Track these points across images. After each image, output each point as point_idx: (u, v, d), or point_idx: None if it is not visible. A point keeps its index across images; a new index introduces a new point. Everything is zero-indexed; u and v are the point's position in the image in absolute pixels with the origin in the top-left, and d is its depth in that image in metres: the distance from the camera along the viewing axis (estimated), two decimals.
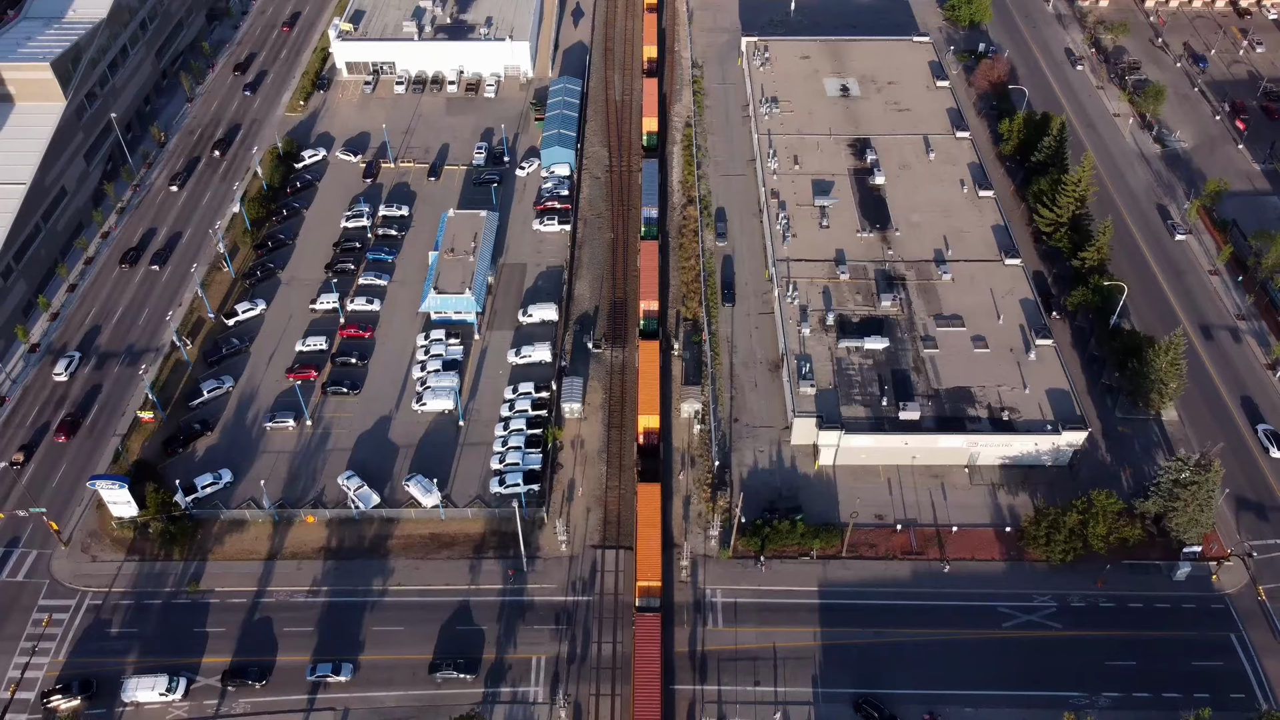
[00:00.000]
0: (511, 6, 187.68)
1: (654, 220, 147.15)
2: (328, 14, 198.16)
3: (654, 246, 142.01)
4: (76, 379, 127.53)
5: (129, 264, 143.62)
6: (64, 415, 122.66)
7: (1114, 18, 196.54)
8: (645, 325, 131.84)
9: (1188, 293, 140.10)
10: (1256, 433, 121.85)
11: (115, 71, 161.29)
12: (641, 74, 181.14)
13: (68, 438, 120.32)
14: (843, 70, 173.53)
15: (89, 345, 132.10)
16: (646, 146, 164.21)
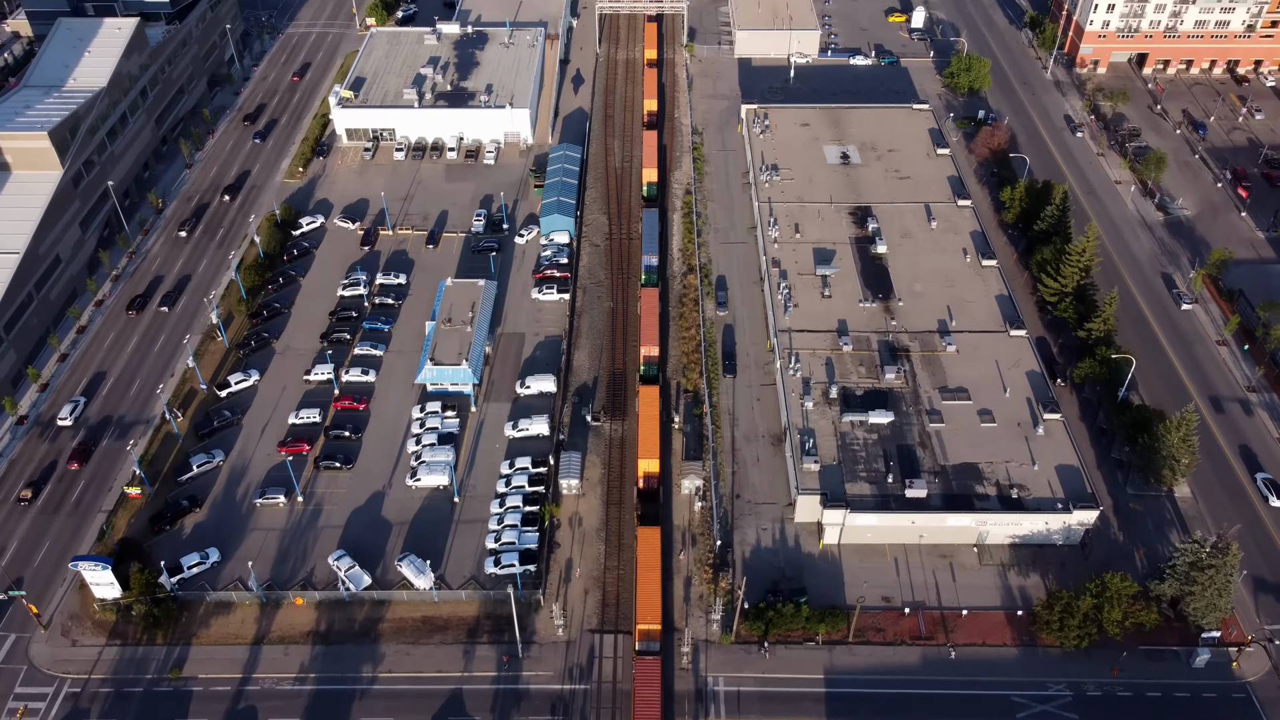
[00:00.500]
0: (512, 73, 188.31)
1: (654, 268, 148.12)
2: (329, 80, 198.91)
3: (654, 294, 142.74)
4: (68, 445, 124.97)
5: (132, 312, 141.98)
6: (49, 487, 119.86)
7: (1113, 85, 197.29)
8: (645, 370, 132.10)
9: (1196, 364, 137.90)
10: (1255, 481, 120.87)
11: (114, 139, 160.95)
12: (641, 134, 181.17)
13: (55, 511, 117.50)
14: (843, 137, 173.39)
15: (78, 418, 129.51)
16: (646, 197, 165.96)
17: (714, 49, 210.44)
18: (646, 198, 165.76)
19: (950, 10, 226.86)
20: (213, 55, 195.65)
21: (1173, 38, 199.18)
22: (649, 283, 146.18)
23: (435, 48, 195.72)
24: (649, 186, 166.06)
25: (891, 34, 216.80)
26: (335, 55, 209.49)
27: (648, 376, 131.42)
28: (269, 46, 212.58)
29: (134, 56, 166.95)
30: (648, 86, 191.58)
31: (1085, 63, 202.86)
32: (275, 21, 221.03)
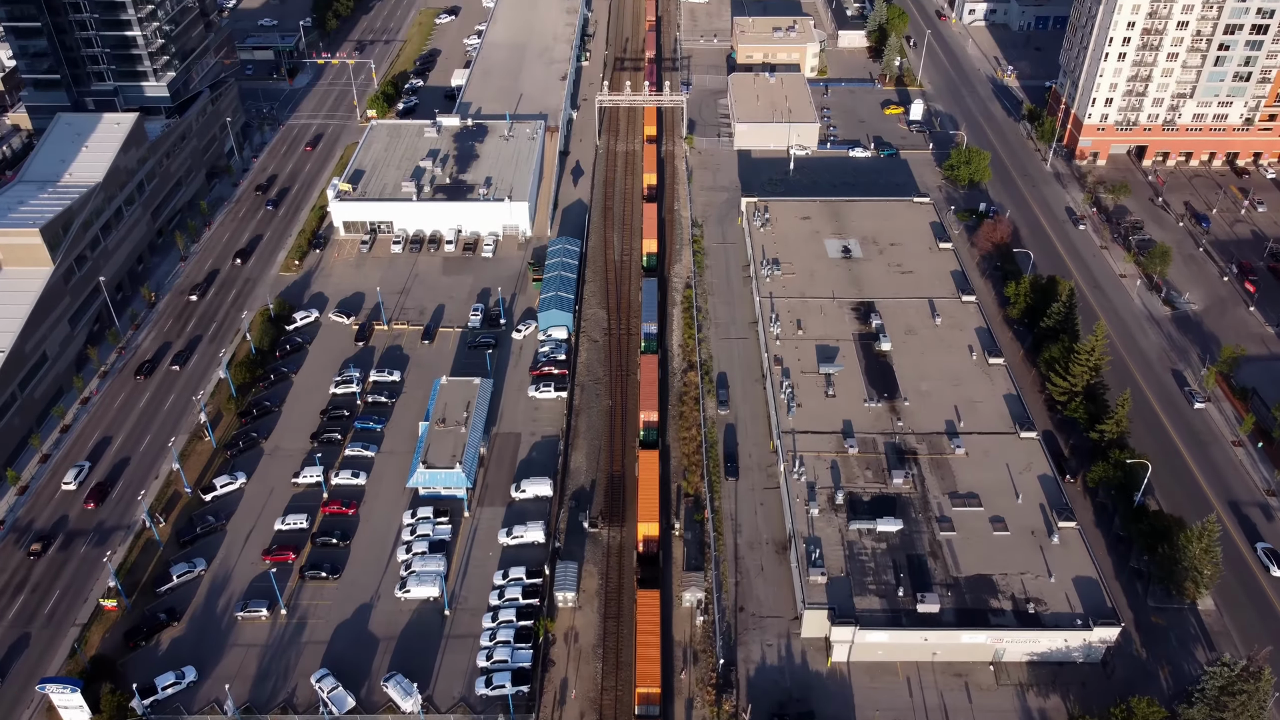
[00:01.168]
0: (511, 166, 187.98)
1: (654, 336, 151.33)
2: (328, 172, 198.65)
3: (653, 360, 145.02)
4: (40, 560, 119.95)
5: (136, 381, 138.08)
6: (23, 597, 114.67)
7: (1113, 177, 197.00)
8: (645, 435, 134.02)
9: (1213, 466, 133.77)
10: (1255, 551, 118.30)
11: (108, 233, 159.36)
12: (642, 203, 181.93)
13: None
14: (844, 231, 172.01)
15: (59, 522, 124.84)
16: (646, 267, 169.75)
17: (713, 141, 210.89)
18: (646, 268, 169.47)
19: (948, 102, 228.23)
20: (212, 147, 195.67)
21: (1171, 131, 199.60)
22: (648, 349, 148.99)
23: (435, 140, 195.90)
24: (648, 257, 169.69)
25: (890, 126, 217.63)
26: (335, 147, 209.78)
27: (647, 441, 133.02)
28: (269, 138, 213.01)
29: (132, 151, 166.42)
30: (647, 161, 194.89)
31: (1085, 155, 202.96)
32: (277, 113, 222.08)
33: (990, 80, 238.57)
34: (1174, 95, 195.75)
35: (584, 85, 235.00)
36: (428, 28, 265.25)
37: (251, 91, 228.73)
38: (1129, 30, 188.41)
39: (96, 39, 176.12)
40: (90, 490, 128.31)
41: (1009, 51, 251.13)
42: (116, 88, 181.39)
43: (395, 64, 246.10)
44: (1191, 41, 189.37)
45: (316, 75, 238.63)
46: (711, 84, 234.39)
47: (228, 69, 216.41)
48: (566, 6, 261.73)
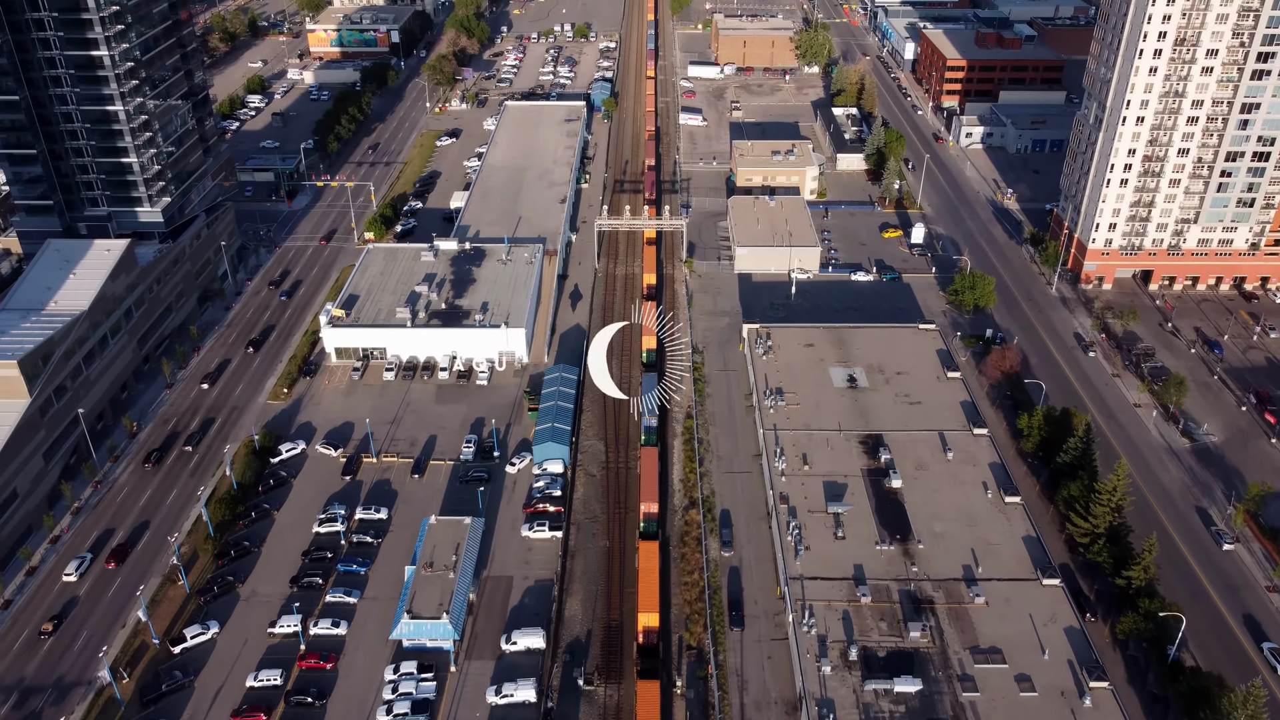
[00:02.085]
0: (509, 290, 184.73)
1: (653, 429, 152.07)
2: (322, 296, 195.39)
3: (653, 453, 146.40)
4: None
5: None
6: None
7: (1119, 301, 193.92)
8: (645, 527, 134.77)
9: (1248, 614, 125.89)
10: (1261, 650, 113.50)
11: (91, 362, 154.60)
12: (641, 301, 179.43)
13: None
14: (849, 359, 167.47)
15: (13, 679, 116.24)
16: (645, 364, 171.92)
17: (713, 264, 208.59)
18: (646, 364, 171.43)
19: (948, 225, 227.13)
20: (206, 270, 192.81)
21: (1177, 255, 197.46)
22: (648, 442, 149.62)
23: (432, 264, 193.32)
24: (648, 354, 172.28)
25: (892, 249, 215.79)
26: (331, 270, 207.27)
27: (647, 533, 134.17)
28: (265, 260, 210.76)
29: (121, 278, 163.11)
30: (647, 262, 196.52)
31: (1090, 279, 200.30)
32: (273, 235, 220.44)
33: (990, 203, 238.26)
34: (1178, 220, 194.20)
35: (583, 207, 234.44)
36: (429, 149, 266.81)
37: (249, 213, 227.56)
38: (1130, 157, 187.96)
39: (92, 165, 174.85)
40: (51, 641, 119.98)
41: (1008, 174, 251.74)
42: (110, 213, 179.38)
43: (395, 185, 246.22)
44: (1193, 168, 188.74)
45: (315, 197, 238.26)
46: (711, 206, 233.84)
47: (226, 191, 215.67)
48: (567, 129, 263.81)
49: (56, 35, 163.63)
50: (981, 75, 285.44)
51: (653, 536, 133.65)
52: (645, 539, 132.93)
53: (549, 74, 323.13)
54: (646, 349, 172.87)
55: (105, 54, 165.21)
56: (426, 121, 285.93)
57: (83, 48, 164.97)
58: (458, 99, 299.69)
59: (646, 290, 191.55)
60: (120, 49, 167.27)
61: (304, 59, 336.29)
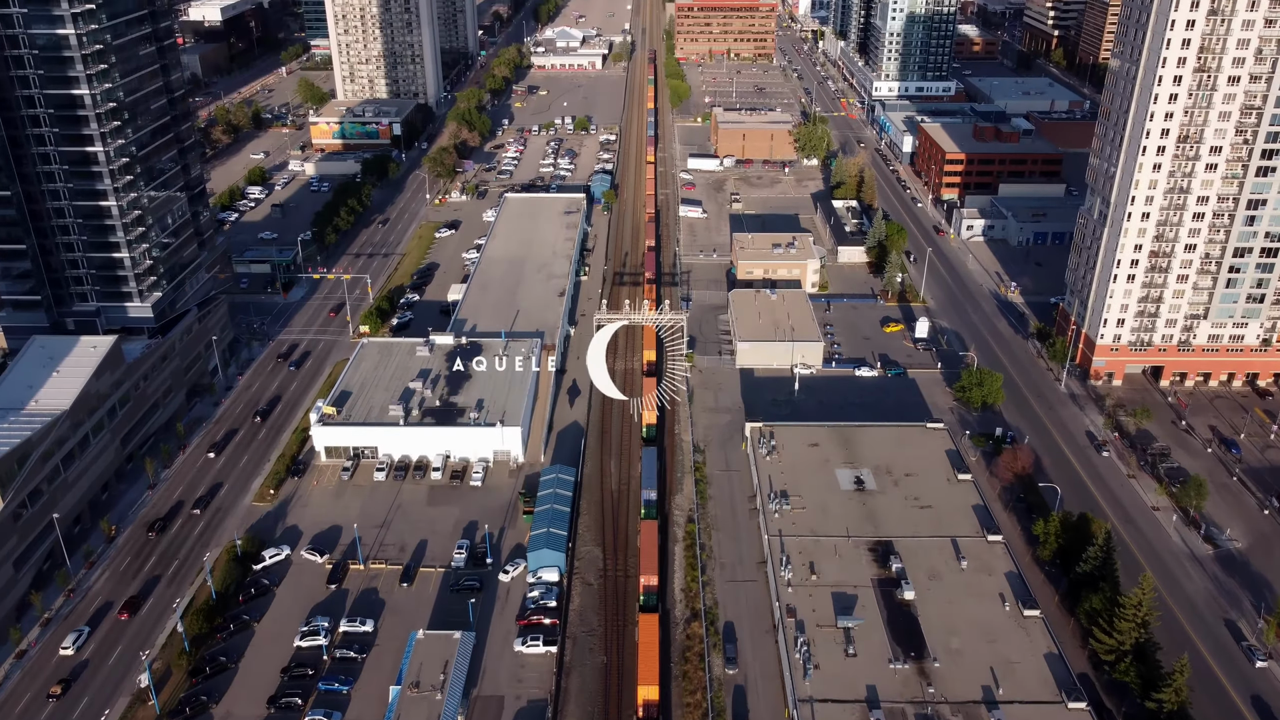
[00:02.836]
0: (505, 387, 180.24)
1: (653, 503, 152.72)
2: (314, 392, 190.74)
3: (654, 526, 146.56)
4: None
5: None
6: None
7: (1130, 398, 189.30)
8: (645, 600, 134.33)
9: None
10: None
11: (70, 464, 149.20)
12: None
13: None
14: (855, 459, 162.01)
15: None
16: (646, 438, 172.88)
17: (714, 359, 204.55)
18: (646, 439, 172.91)
19: (952, 318, 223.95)
20: (195, 365, 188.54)
21: (1187, 351, 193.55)
22: (648, 516, 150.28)
23: (427, 359, 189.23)
24: (648, 429, 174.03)
25: (896, 343, 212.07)
26: (324, 364, 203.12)
27: (647, 606, 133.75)
28: (257, 354, 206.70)
29: (106, 375, 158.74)
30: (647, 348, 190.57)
31: (1099, 375, 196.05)
32: (267, 328, 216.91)
33: (993, 295, 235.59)
34: (1187, 316, 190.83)
35: (583, 300, 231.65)
36: (427, 241, 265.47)
37: (244, 305, 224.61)
38: (1136, 253, 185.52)
39: (83, 260, 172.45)
40: None
41: (1010, 267, 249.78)
42: (99, 308, 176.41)
43: (392, 277, 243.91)
44: (1201, 264, 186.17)
45: (311, 289, 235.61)
46: (712, 300, 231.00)
47: (221, 284, 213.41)
48: (566, 221, 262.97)
49: (52, 131, 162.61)
50: (980, 168, 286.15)
51: (653, 609, 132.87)
52: (645, 612, 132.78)
53: (549, 166, 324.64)
54: (646, 424, 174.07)
55: (100, 150, 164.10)
56: (426, 213, 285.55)
57: (78, 144, 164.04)
58: (458, 191, 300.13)
59: (647, 367, 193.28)
60: (116, 144, 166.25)
61: (306, 151, 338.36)
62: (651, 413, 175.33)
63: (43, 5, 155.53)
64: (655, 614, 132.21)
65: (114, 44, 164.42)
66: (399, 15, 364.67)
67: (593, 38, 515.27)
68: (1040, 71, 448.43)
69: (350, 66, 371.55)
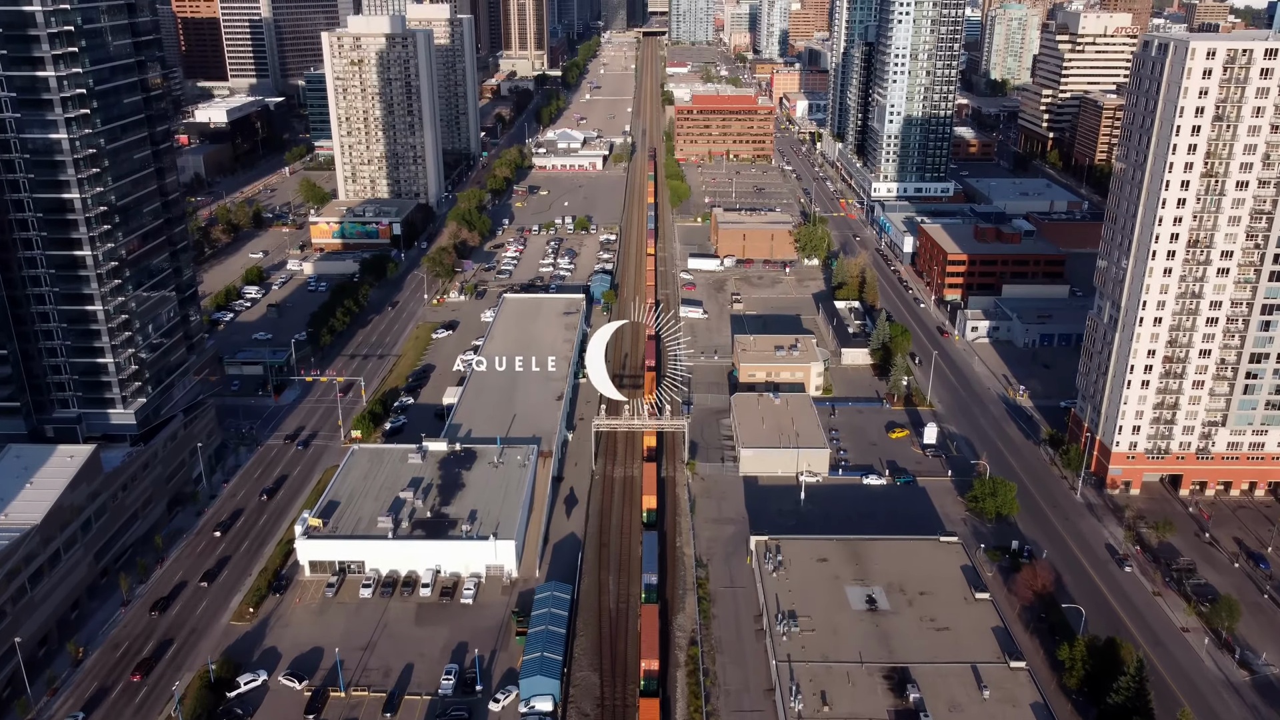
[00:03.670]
0: (499, 497, 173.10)
1: (654, 586, 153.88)
2: (300, 501, 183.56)
3: (654, 610, 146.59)
4: None
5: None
6: None
7: (1149, 509, 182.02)
8: (645, 685, 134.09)
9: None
10: None
11: (38, 581, 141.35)
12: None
13: None
14: (866, 576, 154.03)
15: None
16: (646, 523, 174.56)
17: (717, 466, 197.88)
18: (646, 524, 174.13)
19: (960, 423, 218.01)
20: (179, 474, 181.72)
21: (1206, 459, 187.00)
22: (649, 600, 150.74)
23: (419, 467, 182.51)
24: (648, 514, 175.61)
25: (903, 449, 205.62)
26: (314, 471, 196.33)
27: (648, 690, 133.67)
28: (245, 460, 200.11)
29: (82, 487, 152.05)
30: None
31: (1116, 484, 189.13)
32: (257, 432, 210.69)
33: (1002, 399, 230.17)
34: (1205, 423, 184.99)
35: (581, 403, 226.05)
36: (424, 341, 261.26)
37: (233, 409, 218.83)
38: (1149, 358, 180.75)
39: (65, 365, 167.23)
40: None
41: (1017, 369, 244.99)
42: (80, 415, 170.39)
43: (387, 380, 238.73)
44: (1216, 370, 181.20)
45: (304, 392, 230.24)
46: (713, 403, 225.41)
47: (210, 387, 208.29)
48: (565, 322, 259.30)
49: (40, 235, 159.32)
50: (983, 269, 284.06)
51: (653, 694, 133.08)
52: (645, 697, 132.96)
53: (549, 266, 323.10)
54: (646, 509, 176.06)
55: (89, 253, 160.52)
56: (424, 313, 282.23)
57: (66, 247, 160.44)
58: (456, 291, 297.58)
59: (647, 453, 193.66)
60: (105, 248, 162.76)
61: (305, 250, 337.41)
62: (652, 497, 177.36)
63: (37, 110, 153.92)
64: (656, 699, 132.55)
65: (108, 148, 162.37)
66: (401, 118, 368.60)
67: (594, 139, 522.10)
68: (1037, 172, 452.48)
69: (352, 167, 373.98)
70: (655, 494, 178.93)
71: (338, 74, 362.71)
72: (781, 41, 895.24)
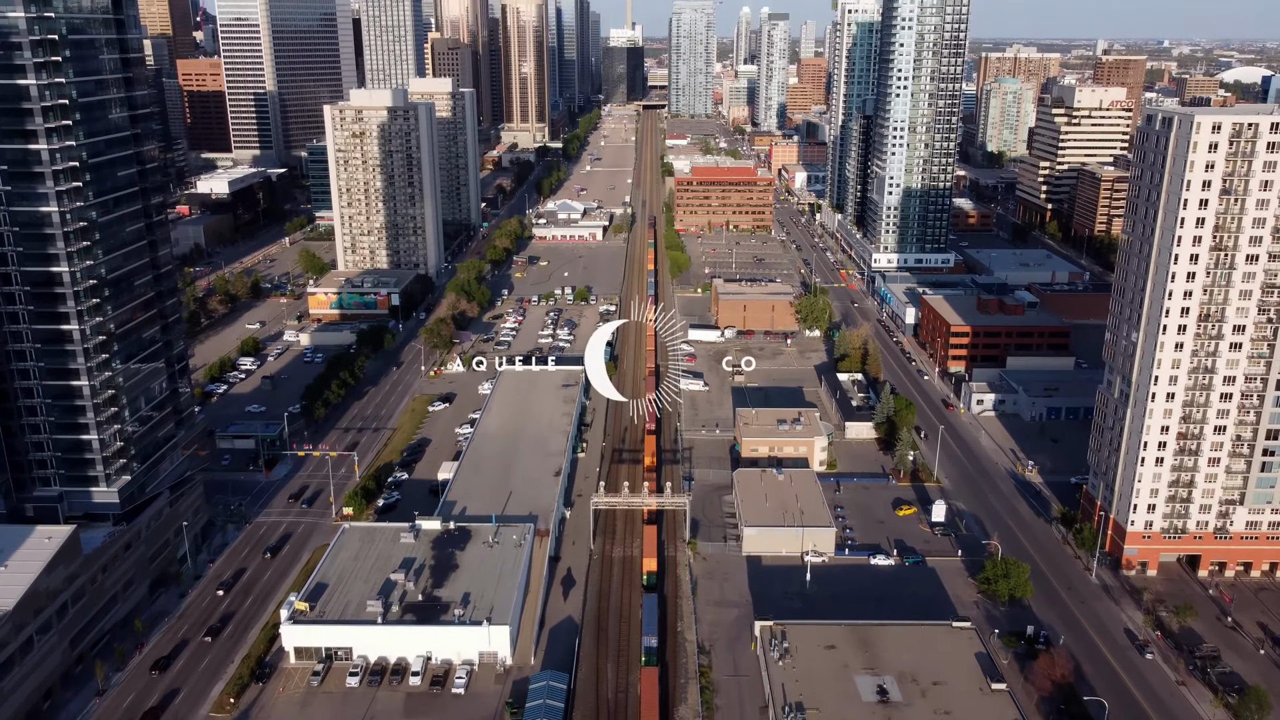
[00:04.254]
0: (494, 580, 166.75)
1: (654, 650, 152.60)
2: (288, 582, 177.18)
3: (654, 674, 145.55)
4: None
5: None
6: None
7: (1168, 591, 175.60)
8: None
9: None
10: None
11: (8, 670, 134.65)
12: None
13: None
14: (877, 664, 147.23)
15: None
16: (646, 586, 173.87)
17: (719, 545, 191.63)
18: (647, 586, 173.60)
19: (968, 499, 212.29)
20: (164, 553, 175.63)
21: (1224, 539, 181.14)
22: (649, 663, 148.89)
23: (411, 547, 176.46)
24: (649, 576, 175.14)
25: (911, 528, 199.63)
26: (303, 550, 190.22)
27: None
28: (232, 538, 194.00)
29: (59, 570, 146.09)
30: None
31: (1132, 564, 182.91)
32: (245, 509, 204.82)
33: (1010, 474, 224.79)
34: (1222, 502, 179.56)
35: (579, 479, 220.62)
36: (420, 414, 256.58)
37: (222, 484, 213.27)
38: (1163, 434, 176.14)
39: (49, 442, 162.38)
40: None
41: (1024, 443, 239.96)
42: (62, 493, 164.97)
43: (381, 454, 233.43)
44: (1232, 446, 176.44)
45: (296, 466, 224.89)
46: (715, 479, 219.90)
47: (199, 462, 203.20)
48: (564, 395, 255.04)
49: (26, 309, 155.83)
50: (987, 341, 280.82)
51: None
52: None
53: (548, 337, 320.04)
54: (647, 571, 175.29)
55: (76, 328, 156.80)
56: (420, 385, 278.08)
57: (53, 321, 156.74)
58: (454, 362, 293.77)
59: (646, 516, 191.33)
60: (93, 322, 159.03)
61: (302, 321, 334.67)
62: (652, 559, 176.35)
63: (28, 182, 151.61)
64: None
65: (100, 220, 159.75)
66: (402, 189, 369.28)
67: (594, 210, 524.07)
68: (1036, 243, 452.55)
69: (352, 237, 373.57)
70: (655, 556, 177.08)
71: (339, 146, 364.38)
72: (779, 114, 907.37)
